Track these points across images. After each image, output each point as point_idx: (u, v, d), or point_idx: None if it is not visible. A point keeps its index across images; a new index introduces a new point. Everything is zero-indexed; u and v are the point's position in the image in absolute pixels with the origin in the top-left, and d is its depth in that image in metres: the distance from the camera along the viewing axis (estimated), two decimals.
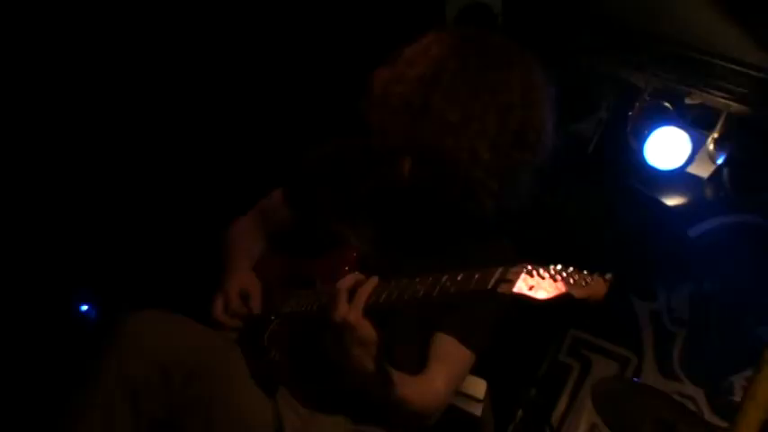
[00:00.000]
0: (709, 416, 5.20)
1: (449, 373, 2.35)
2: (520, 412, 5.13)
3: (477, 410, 3.67)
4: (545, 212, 5.45)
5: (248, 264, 2.69)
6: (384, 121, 2.39)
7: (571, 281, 1.78)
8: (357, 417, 2.35)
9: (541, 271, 1.82)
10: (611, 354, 5.66)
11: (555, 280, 1.79)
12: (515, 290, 1.82)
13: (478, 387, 3.68)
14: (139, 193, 4.83)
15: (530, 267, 1.84)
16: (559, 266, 1.83)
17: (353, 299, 2.10)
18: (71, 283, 4.55)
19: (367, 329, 2.09)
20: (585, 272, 1.81)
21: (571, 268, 1.82)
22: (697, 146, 5.17)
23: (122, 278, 4.59)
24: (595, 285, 1.78)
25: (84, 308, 4.57)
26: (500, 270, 1.89)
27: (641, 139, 5.22)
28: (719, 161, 5.25)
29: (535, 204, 2.49)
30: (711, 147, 5.20)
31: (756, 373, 1.46)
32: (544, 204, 5.54)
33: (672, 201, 5.67)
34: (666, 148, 5.16)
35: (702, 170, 5.36)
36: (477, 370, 3.50)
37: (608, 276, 1.80)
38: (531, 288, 1.81)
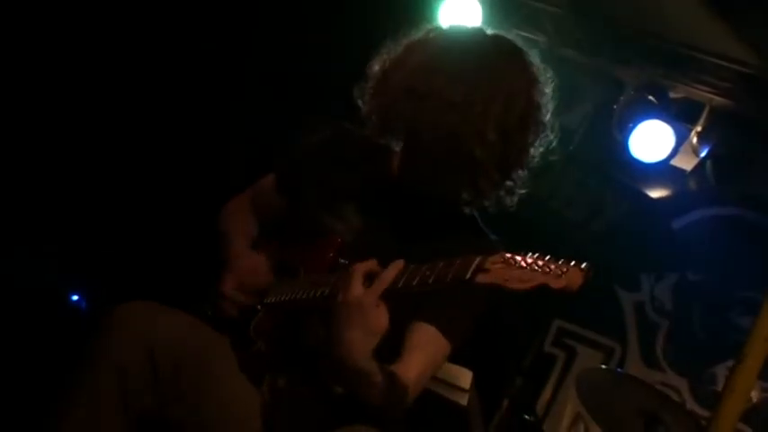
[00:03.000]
0: (691, 405, 5.25)
1: (425, 362, 2.30)
2: (505, 402, 5.14)
3: (463, 400, 3.65)
4: (530, 204, 5.55)
5: (249, 243, 2.68)
6: (385, 108, 2.41)
7: (547, 270, 1.77)
8: (337, 407, 2.34)
9: (518, 260, 1.82)
10: (596, 344, 5.69)
11: (532, 270, 1.79)
12: (492, 280, 1.83)
13: (464, 377, 3.65)
14: (128, 184, 4.84)
15: (507, 256, 1.84)
16: (536, 255, 1.82)
17: (374, 282, 2.04)
18: (62, 272, 4.55)
19: (379, 316, 2.05)
20: (562, 261, 1.79)
21: (548, 257, 1.81)
22: (681, 139, 5.19)
23: (113, 268, 4.59)
24: (572, 275, 1.76)
25: (75, 297, 4.57)
26: (478, 260, 1.88)
27: (626, 133, 5.24)
28: (703, 154, 5.26)
29: (523, 196, 2.50)
30: (695, 140, 5.22)
31: (737, 364, 1.48)
32: (532, 196, 5.60)
33: (656, 193, 5.71)
34: (651, 141, 5.18)
35: (686, 163, 5.38)
36: (462, 360, 3.45)
37: (584, 266, 1.77)
38: (507, 278, 1.81)
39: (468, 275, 1.87)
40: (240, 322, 2.42)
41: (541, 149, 2.44)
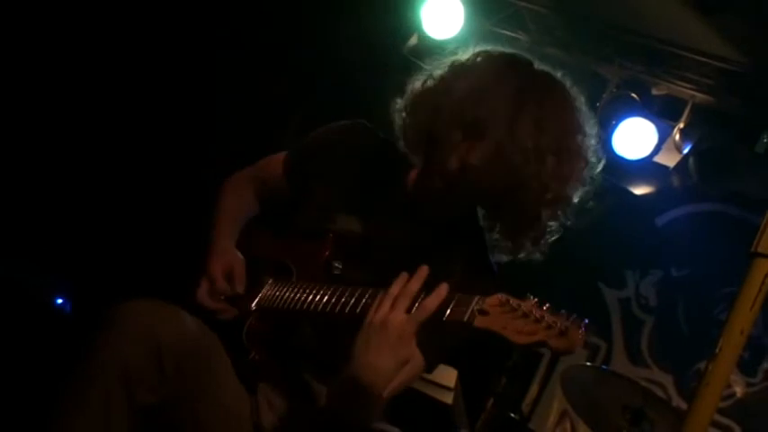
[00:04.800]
0: (677, 401, 5.28)
1: (401, 383, 2.14)
2: (491, 400, 5.07)
3: (449, 398, 3.65)
4: None
5: (233, 235, 2.63)
6: (426, 129, 2.34)
7: (548, 326, 1.74)
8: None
9: (519, 307, 1.78)
10: None
11: (532, 322, 1.76)
12: (491, 326, 1.79)
13: (449, 375, 3.66)
14: (112, 187, 4.81)
15: (505, 299, 1.81)
16: (535, 302, 1.79)
17: (418, 309, 1.95)
18: (46, 276, 4.52)
19: (415, 349, 1.98)
20: (563, 314, 1.76)
21: (546, 306, 1.78)
22: (663, 136, 5.21)
23: (97, 272, 4.57)
24: (572, 337, 1.73)
25: (60, 301, 4.55)
26: (476, 300, 1.84)
27: (609, 130, 5.23)
28: (685, 151, 5.29)
29: None
30: (677, 137, 5.25)
31: (711, 360, 1.50)
32: None
33: (639, 190, 5.73)
34: (633, 138, 5.19)
35: (669, 159, 5.39)
36: (447, 359, 3.55)
37: (582, 328, 1.74)
38: (506, 326, 1.78)
39: (465, 318, 1.84)
40: (232, 326, 2.40)
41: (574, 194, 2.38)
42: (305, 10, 4.91)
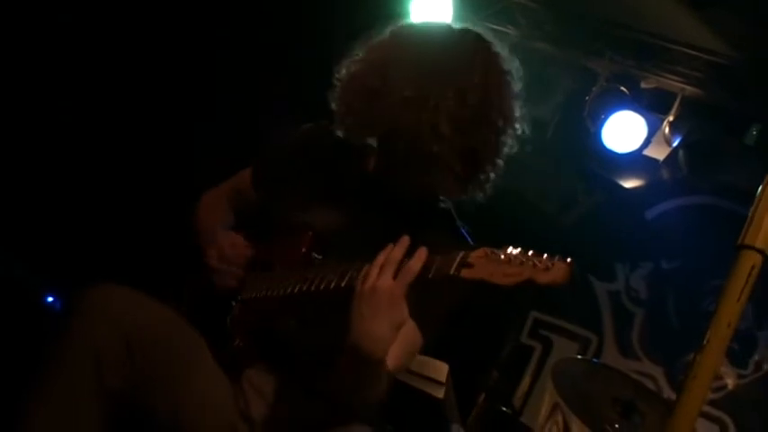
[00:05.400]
0: (668, 393, 5.29)
1: (401, 356, 2.26)
2: (482, 395, 5.07)
3: (440, 393, 3.65)
4: (504, 196, 5.56)
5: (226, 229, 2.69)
6: (346, 105, 2.44)
7: (532, 265, 1.78)
8: (319, 408, 2.32)
9: (502, 255, 1.82)
10: (572, 334, 5.73)
11: (516, 264, 1.79)
12: (477, 275, 1.83)
13: (440, 370, 3.66)
14: (102, 186, 4.82)
15: (489, 251, 1.84)
16: (519, 250, 1.83)
17: (401, 273, 2.00)
18: (36, 273, 4.53)
19: (406, 311, 2.02)
20: (546, 255, 1.80)
21: (531, 252, 1.81)
22: (653, 129, 5.25)
23: (87, 269, 4.57)
24: (557, 270, 1.76)
25: (50, 299, 4.55)
26: (461, 254, 1.88)
27: (598, 123, 5.29)
28: (675, 144, 5.33)
29: (497, 187, 2.50)
30: (667, 130, 5.27)
31: (699, 352, 1.50)
32: (505, 187, 5.62)
33: (629, 183, 5.76)
34: (623, 131, 5.23)
35: (658, 153, 5.43)
36: (438, 354, 3.50)
37: (569, 260, 1.78)
38: (492, 273, 1.81)
39: (452, 271, 1.87)
40: (216, 318, 2.43)
41: (512, 142, 2.43)
42: (305, 10, 4.93)
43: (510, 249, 1.83)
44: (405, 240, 2.05)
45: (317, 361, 2.30)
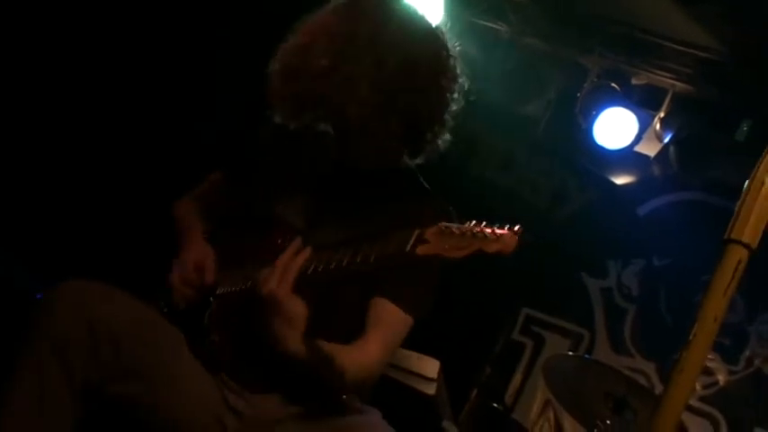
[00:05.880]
0: (660, 389, 5.28)
1: (384, 336, 2.37)
2: (474, 391, 5.17)
3: (431, 389, 3.68)
4: (498, 192, 5.57)
5: (202, 237, 2.70)
6: (278, 90, 2.49)
7: (482, 236, 1.86)
8: (296, 393, 2.37)
9: (455, 229, 1.90)
10: (564, 331, 5.74)
11: (468, 237, 1.88)
12: (432, 251, 1.92)
13: (431, 367, 3.69)
14: (94, 183, 4.82)
15: (444, 226, 1.92)
16: (473, 222, 1.91)
17: (284, 274, 2.14)
18: (28, 271, 4.52)
19: (293, 305, 2.14)
20: (497, 226, 1.88)
21: (484, 223, 1.90)
22: (644, 125, 5.28)
23: (80, 267, 4.57)
24: (506, 239, 1.85)
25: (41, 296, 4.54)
26: (417, 232, 1.96)
27: (590, 120, 5.32)
28: (666, 140, 5.36)
29: (489, 184, 2.53)
30: (658, 126, 5.32)
31: (685, 347, 1.52)
32: (498, 184, 5.66)
33: (620, 179, 5.78)
34: (614, 127, 5.26)
35: (650, 149, 5.47)
36: (430, 350, 3.55)
37: (517, 228, 1.86)
38: (446, 247, 1.90)
39: (408, 248, 1.96)
40: (194, 314, 2.45)
41: (456, 99, 2.51)
42: (305, 10, 4.94)
43: (466, 223, 1.92)
44: (296, 243, 2.20)
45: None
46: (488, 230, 1.86)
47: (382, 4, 2.52)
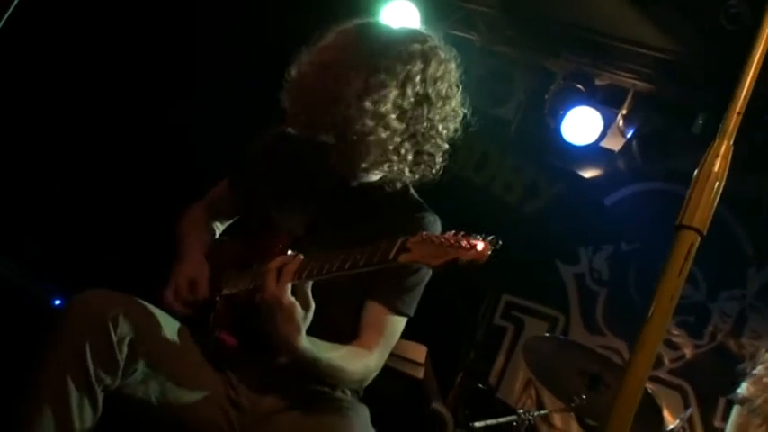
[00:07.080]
0: None
1: (379, 337, 2.43)
2: (460, 374, 5.28)
3: (419, 373, 3.81)
4: (472, 190, 5.65)
5: (200, 250, 2.71)
6: (297, 105, 2.53)
7: (458, 246, 1.93)
8: (293, 388, 2.43)
9: (434, 239, 1.97)
10: (541, 314, 5.84)
11: (446, 246, 1.95)
12: (413, 258, 1.99)
13: (419, 351, 3.83)
14: (107, 190, 4.91)
15: (425, 235, 1.99)
16: (453, 233, 1.98)
17: (280, 277, 2.16)
18: (44, 277, 4.53)
19: (293, 305, 2.15)
20: (473, 236, 1.95)
21: (462, 233, 1.96)
22: (608, 122, 5.46)
23: (95, 272, 4.52)
24: (480, 249, 1.91)
25: (58, 302, 4.47)
26: (400, 240, 2.02)
27: (557, 119, 5.47)
28: (629, 135, 5.56)
29: (463, 182, 2.58)
30: (621, 123, 5.50)
31: (644, 325, 1.59)
32: (472, 182, 5.69)
33: (588, 173, 5.91)
34: (581, 125, 5.43)
35: (614, 144, 5.64)
36: (418, 337, 3.60)
37: (491, 239, 1.93)
38: (425, 255, 1.97)
39: (391, 256, 2.03)
40: (201, 314, 2.53)
41: (453, 125, 2.56)
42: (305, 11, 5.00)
43: (446, 233, 1.99)
44: (298, 259, 2.21)
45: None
46: (464, 241, 1.93)
47: (402, 31, 2.61)
